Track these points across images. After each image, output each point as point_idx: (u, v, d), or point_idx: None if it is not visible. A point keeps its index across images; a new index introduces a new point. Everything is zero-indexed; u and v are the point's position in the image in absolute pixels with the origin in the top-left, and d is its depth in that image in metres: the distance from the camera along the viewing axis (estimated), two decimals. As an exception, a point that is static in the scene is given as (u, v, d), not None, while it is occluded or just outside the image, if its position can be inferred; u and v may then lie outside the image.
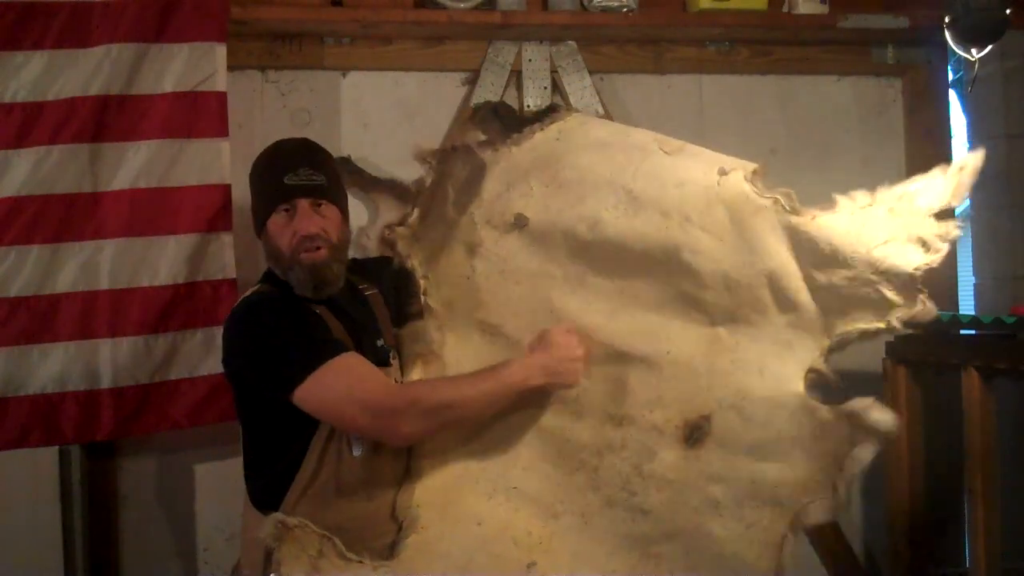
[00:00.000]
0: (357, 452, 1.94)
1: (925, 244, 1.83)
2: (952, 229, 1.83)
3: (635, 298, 2.04)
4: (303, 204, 1.98)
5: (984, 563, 2.37)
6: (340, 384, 1.87)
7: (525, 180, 2.12)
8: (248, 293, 2.05)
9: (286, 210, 1.99)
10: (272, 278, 2.05)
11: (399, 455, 2.02)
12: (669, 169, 2.03)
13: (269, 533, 1.85)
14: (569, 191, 2.08)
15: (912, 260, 1.83)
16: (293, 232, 1.97)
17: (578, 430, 2.04)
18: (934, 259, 1.83)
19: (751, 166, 2.00)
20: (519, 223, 2.10)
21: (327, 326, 1.96)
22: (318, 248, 1.97)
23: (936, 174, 1.87)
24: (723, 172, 1.98)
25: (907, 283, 1.84)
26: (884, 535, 2.81)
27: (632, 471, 1.99)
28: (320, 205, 2.00)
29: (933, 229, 1.84)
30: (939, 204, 1.85)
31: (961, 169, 1.84)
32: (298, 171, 1.97)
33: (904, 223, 1.85)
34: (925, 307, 1.83)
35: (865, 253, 1.85)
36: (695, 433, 1.96)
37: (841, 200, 1.91)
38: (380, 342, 2.08)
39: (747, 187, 1.96)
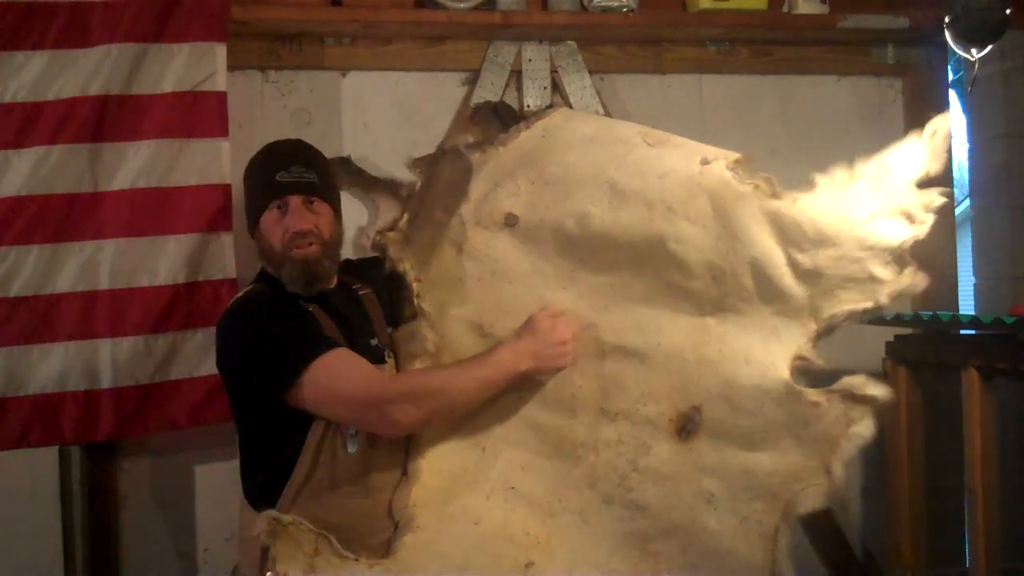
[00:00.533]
0: (352, 449, 1.94)
1: (910, 216, 1.83)
2: (935, 197, 1.81)
3: (625, 292, 2.03)
4: (295, 201, 2.00)
5: (984, 563, 2.37)
6: (333, 379, 1.88)
7: (512, 179, 2.12)
8: (240, 293, 2.05)
9: (279, 207, 2.00)
10: (265, 277, 2.06)
11: (394, 453, 2.02)
12: (652, 161, 2.02)
13: (263, 530, 1.86)
14: (555, 188, 2.08)
15: (898, 234, 1.82)
16: (285, 229, 1.98)
17: (574, 427, 2.03)
18: (920, 231, 1.81)
19: (733, 155, 1.99)
20: (509, 222, 2.09)
21: (319, 323, 1.97)
22: (310, 244, 1.99)
23: (911, 142, 1.86)
24: (705, 161, 1.98)
25: (895, 257, 1.83)
26: (884, 535, 2.82)
27: (628, 467, 1.99)
28: (312, 202, 2.02)
29: (916, 199, 1.83)
30: (918, 172, 1.84)
31: (934, 134, 1.84)
32: (290, 169, 1.99)
33: (886, 196, 1.85)
34: (914, 279, 1.81)
35: (850, 230, 1.84)
36: (688, 425, 1.95)
37: (821, 180, 1.91)
38: (374, 341, 2.08)
39: (728, 175, 1.95)
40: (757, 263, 1.91)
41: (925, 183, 1.84)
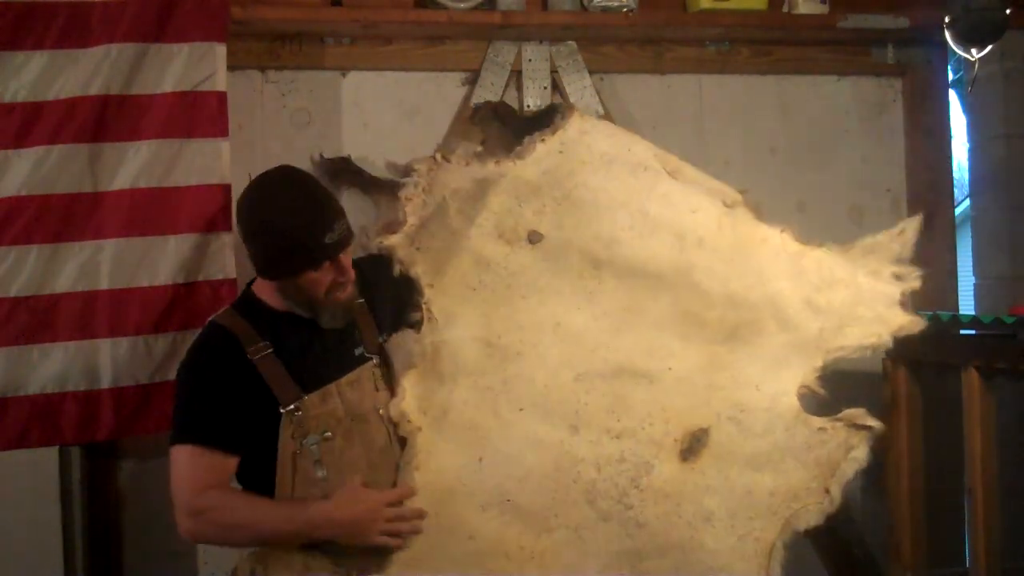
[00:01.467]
0: (320, 474, 1.96)
1: (899, 277, 2.14)
2: (916, 274, 2.15)
3: (640, 317, 2.11)
4: (344, 257, 1.98)
5: (984, 563, 2.37)
6: (173, 474, 1.97)
7: (537, 196, 2.16)
8: (214, 317, 2.05)
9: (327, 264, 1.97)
10: (246, 302, 2.05)
11: (375, 478, 2.02)
12: (681, 194, 2.16)
13: (255, 553, 1.93)
14: (583, 210, 2.15)
15: (896, 287, 2.12)
16: (333, 280, 1.97)
17: (575, 443, 2.07)
18: (913, 285, 2.13)
19: (737, 197, 2.18)
20: (532, 239, 2.13)
21: (258, 383, 1.95)
22: (347, 287, 2.00)
23: (884, 236, 2.18)
24: (727, 204, 2.16)
25: (897, 302, 2.12)
26: (884, 534, 2.81)
27: (629, 484, 2.05)
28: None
29: (900, 271, 2.15)
30: (895, 258, 2.16)
31: (901, 232, 2.17)
32: (334, 227, 1.94)
33: (877, 265, 2.15)
34: (914, 320, 2.11)
35: (862, 276, 2.10)
36: (694, 445, 2.05)
37: (827, 244, 2.16)
38: (358, 350, 2.07)
39: (754, 218, 2.15)
40: (777, 298, 2.09)
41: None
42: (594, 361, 2.09)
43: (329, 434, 1.97)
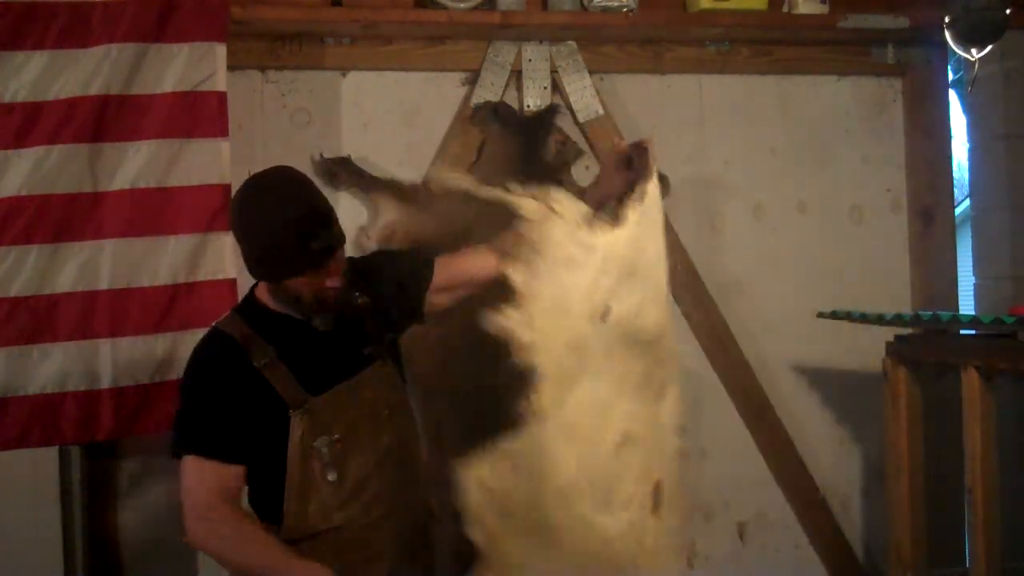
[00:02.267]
0: (331, 477, 1.95)
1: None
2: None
3: (628, 380, 2.17)
4: (332, 264, 1.94)
5: (984, 563, 2.37)
6: (183, 482, 1.97)
7: (617, 270, 2.12)
8: (217, 323, 2.02)
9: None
10: (249, 305, 2.04)
11: (390, 485, 2.01)
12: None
13: None
14: (638, 288, 2.15)
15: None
16: (320, 284, 1.94)
17: (604, 523, 2.14)
18: None
19: None
20: (605, 317, 2.11)
21: (265, 389, 1.94)
22: (335, 290, 1.97)
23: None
24: None
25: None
26: (884, 535, 2.82)
27: (636, 545, 2.16)
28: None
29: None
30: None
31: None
32: (318, 234, 1.89)
33: None
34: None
35: None
36: (659, 497, 2.18)
37: None
38: (367, 350, 2.06)
39: None
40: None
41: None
42: (615, 433, 2.14)
43: (338, 436, 1.96)
